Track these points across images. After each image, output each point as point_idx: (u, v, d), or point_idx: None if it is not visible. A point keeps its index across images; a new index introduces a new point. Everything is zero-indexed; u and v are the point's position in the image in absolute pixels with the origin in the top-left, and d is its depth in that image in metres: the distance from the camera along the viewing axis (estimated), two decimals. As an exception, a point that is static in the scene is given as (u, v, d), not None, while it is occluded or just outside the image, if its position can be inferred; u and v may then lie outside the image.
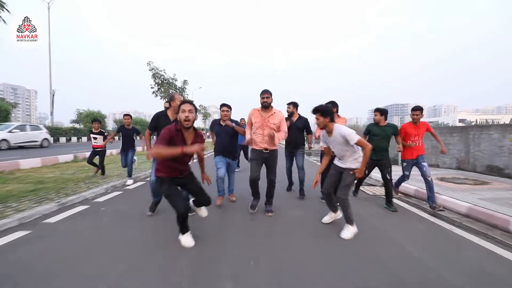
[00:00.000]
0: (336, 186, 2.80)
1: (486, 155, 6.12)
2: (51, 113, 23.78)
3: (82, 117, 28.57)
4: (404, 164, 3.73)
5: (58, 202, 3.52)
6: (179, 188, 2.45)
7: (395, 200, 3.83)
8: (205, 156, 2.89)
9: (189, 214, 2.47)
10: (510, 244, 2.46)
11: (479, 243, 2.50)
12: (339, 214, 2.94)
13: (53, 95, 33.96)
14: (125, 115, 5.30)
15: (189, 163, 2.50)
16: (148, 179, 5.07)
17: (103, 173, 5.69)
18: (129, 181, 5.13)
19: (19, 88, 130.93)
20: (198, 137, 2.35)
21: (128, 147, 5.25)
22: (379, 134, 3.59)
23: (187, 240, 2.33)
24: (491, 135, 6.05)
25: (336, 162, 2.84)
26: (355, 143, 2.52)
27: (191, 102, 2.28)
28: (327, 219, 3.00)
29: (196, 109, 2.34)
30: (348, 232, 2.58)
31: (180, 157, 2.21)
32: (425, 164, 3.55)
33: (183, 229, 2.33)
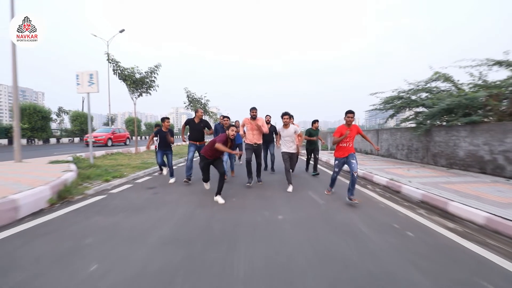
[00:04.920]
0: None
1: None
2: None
3: None
4: (336, 162, 4.15)
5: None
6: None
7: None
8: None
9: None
10: (370, 187, 4.66)
11: (365, 191, 4.64)
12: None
13: (83, 102, 35.81)
14: (165, 118, 5.46)
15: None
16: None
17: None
18: (172, 180, 5.39)
19: (27, 90, 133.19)
20: (233, 141, 4.03)
21: (165, 147, 5.49)
22: (313, 134, 6.46)
23: (207, 185, 4.43)
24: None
25: (285, 149, 4.74)
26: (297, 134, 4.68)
27: (236, 126, 4.01)
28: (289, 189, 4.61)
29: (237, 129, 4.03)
30: (290, 188, 4.57)
31: (219, 151, 3.87)
32: (354, 161, 3.88)
33: (205, 180, 4.31)
